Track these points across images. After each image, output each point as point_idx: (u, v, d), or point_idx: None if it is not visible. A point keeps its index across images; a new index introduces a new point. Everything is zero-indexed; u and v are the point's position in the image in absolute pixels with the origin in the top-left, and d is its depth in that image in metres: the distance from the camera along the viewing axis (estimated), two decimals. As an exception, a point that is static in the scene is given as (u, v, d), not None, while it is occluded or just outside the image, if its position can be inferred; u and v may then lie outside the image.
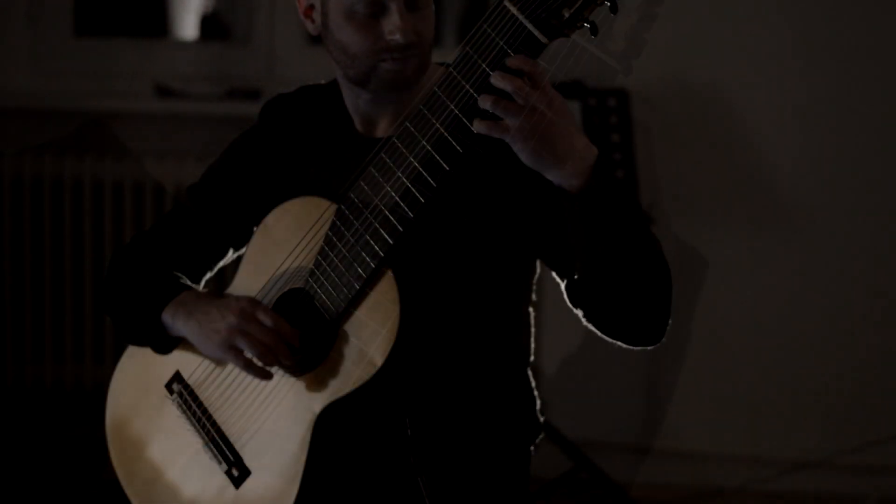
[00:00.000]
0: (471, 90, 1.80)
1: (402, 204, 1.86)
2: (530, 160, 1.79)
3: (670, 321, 1.90)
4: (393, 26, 1.89)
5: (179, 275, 2.12)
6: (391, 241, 1.87)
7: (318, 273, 1.94)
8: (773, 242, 3.91)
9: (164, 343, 2.07)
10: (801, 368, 3.94)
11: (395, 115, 1.97)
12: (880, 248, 3.88)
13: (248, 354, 1.95)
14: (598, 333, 1.93)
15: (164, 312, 2.04)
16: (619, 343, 1.92)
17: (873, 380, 3.91)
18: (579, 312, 1.92)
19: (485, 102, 1.77)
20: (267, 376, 1.97)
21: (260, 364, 1.96)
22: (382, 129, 2.01)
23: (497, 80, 1.77)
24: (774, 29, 3.83)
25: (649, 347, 1.93)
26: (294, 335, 1.95)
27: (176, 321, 2.03)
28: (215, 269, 2.18)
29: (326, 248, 1.93)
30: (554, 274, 1.98)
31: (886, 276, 3.89)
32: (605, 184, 1.81)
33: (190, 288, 2.08)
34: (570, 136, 1.79)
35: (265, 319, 1.94)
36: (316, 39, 2.18)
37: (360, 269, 1.89)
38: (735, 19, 3.85)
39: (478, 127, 1.78)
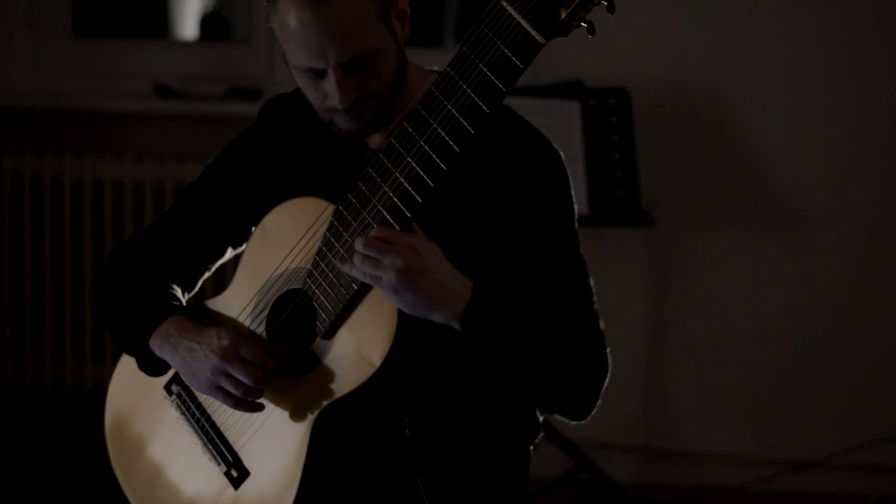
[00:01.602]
0: (469, 91, 1.79)
1: (399, 204, 1.86)
2: (408, 309, 1.85)
3: (599, 402, 1.98)
4: (330, 91, 1.88)
5: (172, 285, 2.11)
6: (389, 242, 1.87)
7: (316, 274, 1.94)
8: (773, 242, 3.90)
9: (156, 370, 2.07)
10: (801, 369, 3.94)
11: (387, 126, 1.96)
12: (880, 247, 3.88)
13: (236, 393, 1.96)
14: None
15: (151, 341, 2.03)
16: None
17: (873, 380, 3.91)
18: None
19: (353, 263, 1.85)
20: (258, 409, 1.97)
21: (249, 400, 1.96)
22: (375, 140, 2.00)
23: (359, 246, 1.83)
24: (775, 29, 3.83)
25: (573, 423, 2.01)
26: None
27: (163, 353, 2.02)
28: (213, 269, 2.17)
29: (324, 249, 1.93)
30: None
31: (886, 276, 3.89)
32: (487, 319, 1.85)
33: (175, 310, 2.05)
34: (441, 282, 1.84)
35: (249, 356, 1.94)
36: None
37: (358, 270, 1.89)
38: (735, 19, 3.84)
39: (353, 273, 1.86)
